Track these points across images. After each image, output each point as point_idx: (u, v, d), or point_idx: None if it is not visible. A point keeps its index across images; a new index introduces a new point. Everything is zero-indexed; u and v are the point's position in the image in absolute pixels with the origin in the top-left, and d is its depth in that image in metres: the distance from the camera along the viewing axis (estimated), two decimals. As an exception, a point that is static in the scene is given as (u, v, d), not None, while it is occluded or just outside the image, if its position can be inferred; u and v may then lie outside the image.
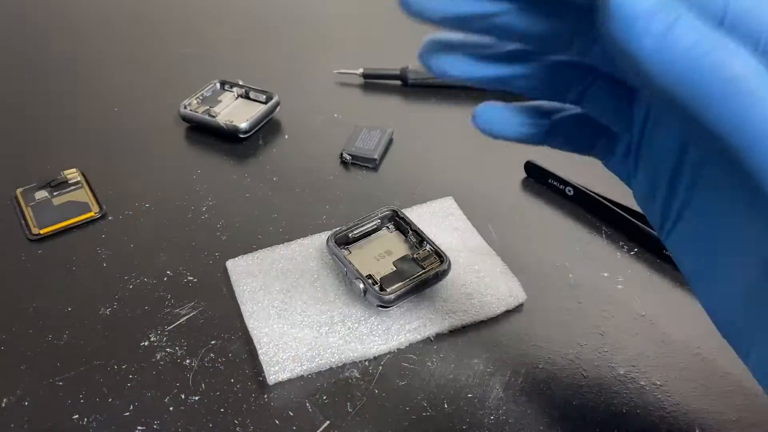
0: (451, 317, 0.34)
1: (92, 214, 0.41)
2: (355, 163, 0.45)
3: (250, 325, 0.33)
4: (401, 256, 0.36)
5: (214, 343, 0.33)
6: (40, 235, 0.39)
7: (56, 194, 0.42)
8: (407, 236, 0.37)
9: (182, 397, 0.31)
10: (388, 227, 0.38)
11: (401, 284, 0.34)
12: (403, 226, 0.38)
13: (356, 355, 0.32)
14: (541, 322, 0.34)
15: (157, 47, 0.60)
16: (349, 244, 0.37)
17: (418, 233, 0.37)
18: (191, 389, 0.31)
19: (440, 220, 0.40)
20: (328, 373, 0.32)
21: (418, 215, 0.39)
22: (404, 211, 0.39)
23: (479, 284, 0.36)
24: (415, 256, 0.36)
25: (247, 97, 0.50)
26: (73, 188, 0.43)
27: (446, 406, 0.30)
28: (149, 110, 0.51)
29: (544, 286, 0.36)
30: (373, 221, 0.38)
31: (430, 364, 0.32)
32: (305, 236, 0.39)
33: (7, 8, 0.66)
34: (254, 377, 0.32)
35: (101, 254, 0.38)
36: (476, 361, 0.32)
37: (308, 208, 0.42)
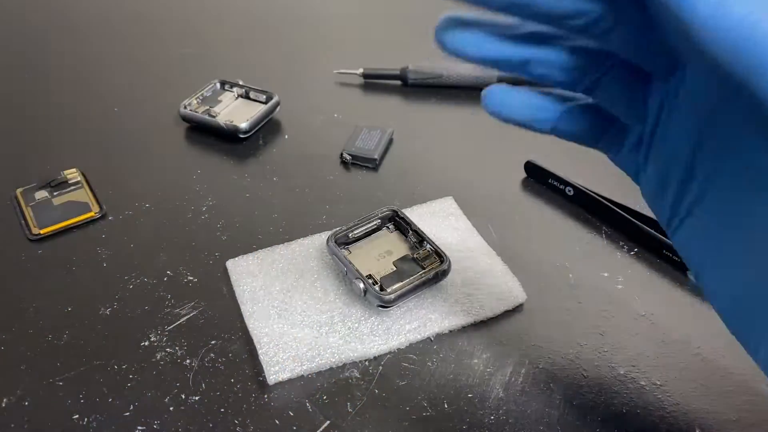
0: (451, 317, 0.34)
1: (92, 214, 0.41)
2: (355, 163, 0.45)
3: (250, 325, 0.33)
4: (401, 256, 0.36)
5: (214, 343, 0.33)
6: (40, 235, 0.39)
7: (56, 194, 0.42)
8: (407, 236, 0.37)
9: (182, 397, 0.31)
10: (388, 227, 0.38)
11: (401, 284, 0.34)
12: (403, 226, 0.38)
13: (356, 355, 0.32)
14: (541, 322, 0.34)
15: (157, 47, 0.60)
16: (349, 244, 0.37)
17: (418, 233, 0.37)
18: (191, 389, 0.31)
19: (440, 220, 0.40)
20: (328, 373, 0.32)
21: (418, 215, 0.39)
22: (404, 211, 0.39)
23: (479, 284, 0.36)
24: (415, 256, 0.36)
25: (247, 97, 0.50)
26: (73, 188, 0.43)
27: (446, 406, 0.30)
28: (149, 110, 0.51)
29: (544, 286, 0.36)
30: (373, 221, 0.38)
31: (430, 364, 0.32)
32: (305, 236, 0.39)
33: (7, 8, 0.66)
34: (254, 377, 0.32)
35: (101, 254, 0.38)
36: (476, 361, 0.32)
37: (308, 208, 0.42)
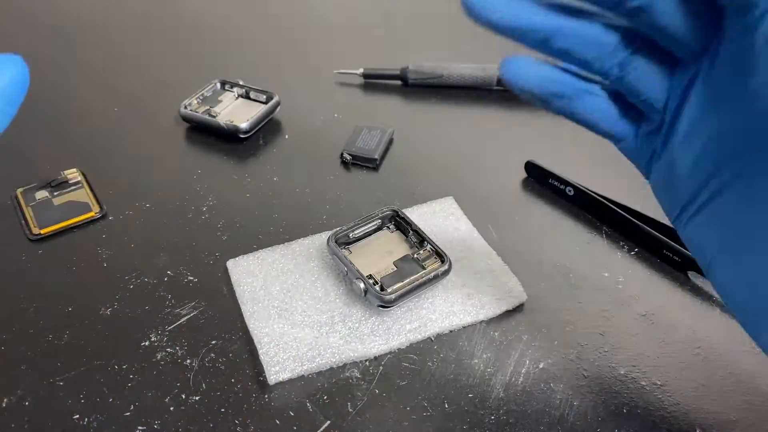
0: (451, 317, 0.34)
1: (92, 214, 0.41)
2: (355, 163, 0.45)
3: (250, 325, 0.33)
4: (402, 256, 0.36)
5: (214, 343, 0.33)
6: (40, 235, 0.39)
7: (56, 194, 0.42)
8: (408, 236, 0.37)
9: (183, 397, 0.31)
10: (388, 227, 0.38)
11: (402, 284, 0.34)
12: (403, 226, 0.38)
13: (357, 355, 0.32)
14: (541, 322, 0.34)
15: (157, 47, 0.60)
16: (349, 244, 0.37)
17: (418, 233, 0.37)
18: (192, 389, 0.31)
19: (440, 220, 0.40)
20: (328, 373, 0.32)
21: (418, 215, 0.39)
22: (404, 211, 0.39)
23: (479, 284, 0.36)
24: (415, 256, 0.36)
25: (247, 97, 0.50)
26: (73, 188, 0.42)
27: (446, 406, 0.30)
28: (149, 110, 0.51)
29: (544, 286, 0.36)
30: (373, 221, 0.38)
31: (430, 364, 0.32)
32: (305, 236, 0.39)
33: (6, 9, 0.66)
34: (255, 377, 0.32)
35: (101, 254, 0.38)
36: (476, 361, 0.32)
37: (308, 208, 0.42)
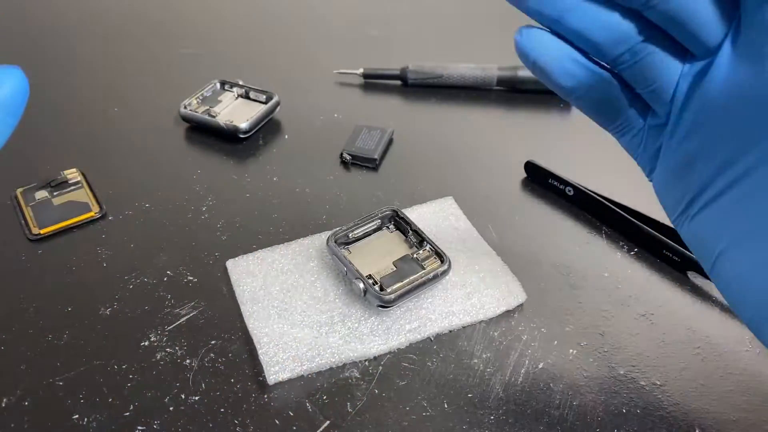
0: (451, 317, 0.34)
1: (92, 214, 0.41)
2: (355, 163, 0.45)
3: (250, 325, 0.33)
4: (401, 256, 0.36)
5: (214, 343, 0.33)
6: (40, 235, 0.39)
7: (56, 194, 0.42)
8: (407, 236, 0.37)
9: (182, 397, 0.31)
10: (388, 227, 0.38)
11: (401, 284, 0.34)
12: (403, 226, 0.38)
13: (356, 355, 0.32)
14: (540, 322, 0.34)
15: (157, 47, 0.60)
16: (349, 244, 0.37)
17: (418, 233, 0.37)
18: (191, 389, 0.31)
19: (440, 220, 0.40)
20: (328, 373, 0.32)
21: (418, 215, 0.39)
22: (404, 211, 0.39)
23: (479, 284, 0.36)
24: (415, 256, 0.36)
25: (247, 97, 0.50)
26: (73, 188, 0.42)
27: (446, 406, 0.30)
28: (149, 110, 0.51)
29: (544, 286, 0.36)
30: (373, 221, 0.38)
31: (430, 364, 0.32)
32: (305, 236, 0.39)
33: (6, 8, 0.66)
34: (254, 377, 0.32)
35: (101, 254, 0.38)
36: (476, 361, 0.32)
37: (308, 208, 0.42)
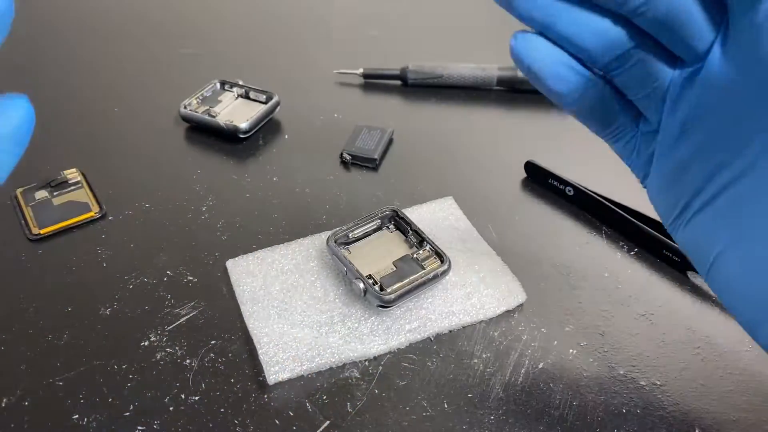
0: (451, 317, 0.34)
1: (92, 214, 0.41)
2: (355, 163, 0.45)
3: (250, 325, 0.33)
4: (401, 256, 0.36)
5: (214, 343, 0.33)
6: (40, 235, 0.39)
7: (56, 194, 0.42)
8: (407, 236, 0.37)
9: (182, 397, 0.31)
10: (388, 227, 0.38)
11: (401, 284, 0.34)
12: (403, 226, 0.38)
13: (356, 355, 0.32)
14: (541, 322, 0.34)
15: (157, 47, 0.60)
16: (349, 244, 0.37)
17: (418, 233, 0.37)
18: (191, 389, 0.31)
19: (440, 220, 0.40)
20: (328, 373, 0.32)
21: (418, 215, 0.39)
22: (404, 211, 0.39)
23: (479, 284, 0.36)
24: (415, 256, 0.36)
25: (247, 97, 0.50)
26: (73, 188, 0.42)
27: (446, 406, 0.30)
28: (149, 110, 0.51)
29: (544, 286, 0.36)
30: (373, 221, 0.38)
31: (430, 364, 0.32)
32: (305, 236, 0.39)
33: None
34: (254, 377, 0.32)
35: (101, 254, 0.38)
36: (476, 361, 0.32)
37: (308, 208, 0.42)
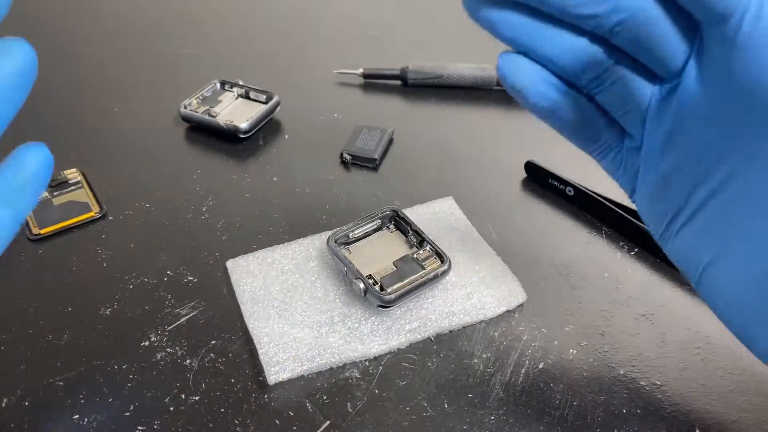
0: (451, 317, 0.34)
1: (92, 214, 0.41)
2: (355, 163, 0.45)
3: (250, 325, 0.33)
4: (401, 256, 0.36)
5: (214, 343, 0.33)
6: (40, 235, 0.39)
7: (56, 194, 0.42)
8: (407, 236, 0.37)
9: (182, 397, 0.31)
10: (388, 227, 0.38)
11: (401, 284, 0.34)
12: (403, 226, 0.38)
13: (356, 355, 0.32)
14: (541, 322, 0.34)
15: (157, 47, 0.60)
16: (349, 244, 0.37)
17: (418, 233, 0.37)
18: (191, 389, 0.31)
19: (440, 220, 0.40)
20: (328, 373, 0.32)
21: (418, 215, 0.39)
22: (404, 211, 0.39)
23: (479, 284, 0.36)
24: (415, 256, 0.36)
25: (247, 97, 0.50)
26: (73, 188, 0.42)
27: (446, 406, 0.30)
28: (149, 110, 0.51)
29: (544, 286, 0.36)
30: (373, 221, 0.38)
31: (430, 364, 0.32)
32: (305, 236, 0.39)
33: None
34: (254, 377, 0.32)
35: (101, 254, 0.38)
36: (476, 361, 0.32)
37: (308, 208, 0.42)
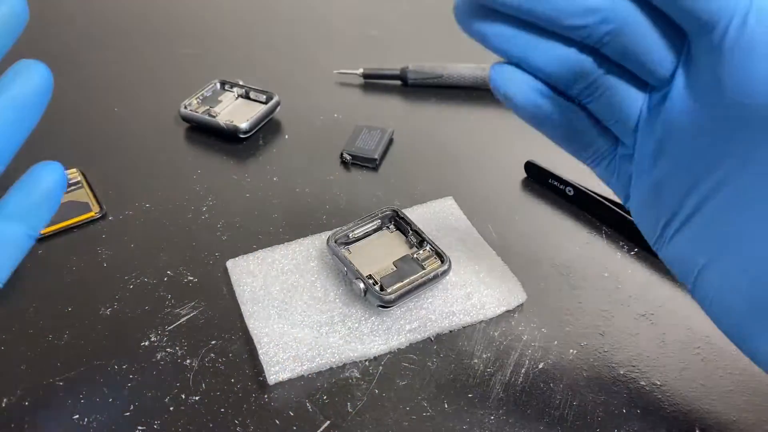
0: (451, 317, 0.34)
1: (92, 214, 0.41)
2: (355, 163, 0.45)
3: (250, 325, 0.33)
4: (401, 256, 0.36)
5: (214, 343, 0.33)
6: (40, 235, 0.39)
7: (56, 194, 0.42)
8: (407, 236, 0.37)
9: (182, 397, 0.31)
10: (388, 227, 0.38)
11: (401, 284, 0.34)
12: (403, 226, 0.38)
13: (356, 355, 0.32)
14: (541, 322, 0.34)
15: (157, 47, 0.60)
16: (349, 244, 0.37)
17: (418, 233, 0.37)
18: (191, 389, 0.31)
19: (440, 220, 0.40)
20: (328, 373, 0.32)
21: (418, 215, 0.39)
22: (404, 211, 0.39)
23: (479, 284, 0.36)
24: (415, 256, 0.36)
25: (247, 97, 0.50)
26: (73, 188, 0.42)
27: (446, 406, 0.30)
28: (149, 110, 0.51)
29: (544, 286, 0.36)
30: (373, 221, 0.38)
31: (430, 364, 0.32)
32: (305, 236, 0.39)
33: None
34: (254, 377, 0.32)
35: (101, 254, 0.38)
36: (476, 361, 0.32)
37: (308, 208, 0.42)
